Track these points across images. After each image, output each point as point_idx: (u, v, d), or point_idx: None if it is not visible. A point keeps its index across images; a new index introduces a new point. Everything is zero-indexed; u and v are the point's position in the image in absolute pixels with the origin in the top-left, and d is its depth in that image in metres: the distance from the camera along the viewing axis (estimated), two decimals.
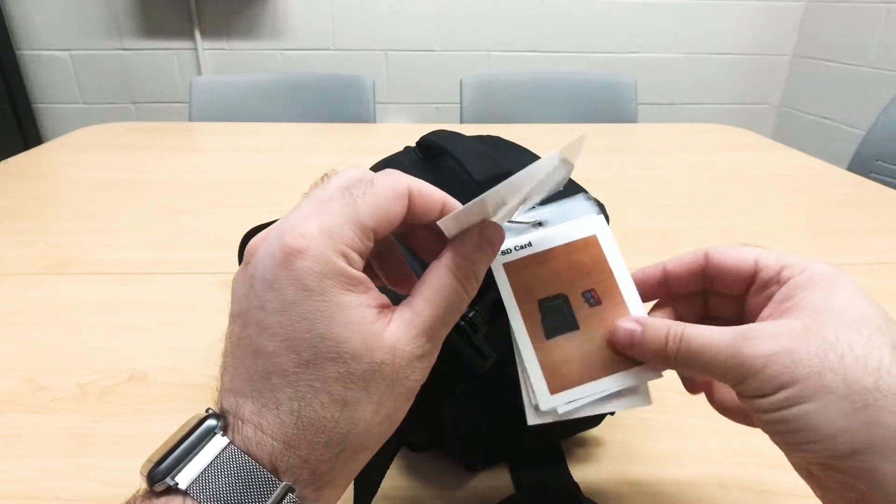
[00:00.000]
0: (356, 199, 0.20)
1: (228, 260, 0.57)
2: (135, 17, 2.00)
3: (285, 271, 0.19)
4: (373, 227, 0.20)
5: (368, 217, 0.20)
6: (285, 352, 0.19)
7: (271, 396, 0.19)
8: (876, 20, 1.85)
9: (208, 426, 0.19)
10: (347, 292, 0.19)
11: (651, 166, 1.02)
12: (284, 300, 0.19)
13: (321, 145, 1.12)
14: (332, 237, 0.19)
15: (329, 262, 0.19)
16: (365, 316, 0.19)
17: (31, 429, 0.39)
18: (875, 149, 1.15)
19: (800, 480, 0.35)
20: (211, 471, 0.18)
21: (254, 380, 0.19)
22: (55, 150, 1.06)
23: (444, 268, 0.22)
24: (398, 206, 0.21)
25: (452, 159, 0.37)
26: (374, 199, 0.20)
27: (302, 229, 0.19)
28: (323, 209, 0.20)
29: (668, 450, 0.38)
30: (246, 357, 0.19)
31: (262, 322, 0.19)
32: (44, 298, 0.55)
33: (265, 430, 0.19)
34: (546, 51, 2.16)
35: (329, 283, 0.19)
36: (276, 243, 0.19)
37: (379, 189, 0.20)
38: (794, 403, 0.20)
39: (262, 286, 0.19)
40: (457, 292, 0.22)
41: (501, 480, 0.35)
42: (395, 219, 0.21)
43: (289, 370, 0.19)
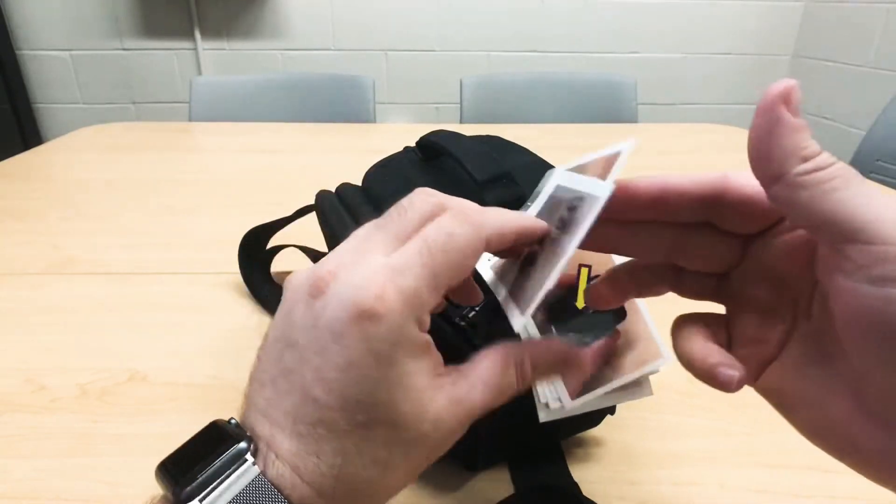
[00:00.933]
0: (434, 257, 0.19)
1: (228, 260, 0.57)
2: (135, 17, 2.00)
3: (357, 330, 0.18)
4: (447, 284, 0.20)
5: (445, 277, 0.19)
6: (339, 408, 0.18)
7: (314, 444, 0.19)
8: (876, 20, 1.85)
9: (240, 450, 0.19)
10: (413, 360, 0.19)
11: (651, 166, 1.02)
12: (350, 359, 0.18)
13: (321, 145, 1.12)
14: (411, 304, 0.18)
15: (403, 331, 0.18)
16: (422, 384, 0.19)
17: (31, 429, 0.39)
18: (875, 149, 1.15)
19: (800, 480, 0.35)
20: (239, 500, 0.18)
21: (297, 421, 0.19)
22: (55, 150, 1.06)
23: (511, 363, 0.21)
24: (474, 260, 0.20)
25: (453, 159, 0.37)
26: (452, 258, 0.19)
27: (379, 290, 0.18)
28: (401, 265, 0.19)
29: (668, 450, 0.38)
30: (293, 394, 0.19)
31: (320, 371, 0.18)
32: (44, 298, 0.55)
33: (302, 475, 0.18)
34: (546, 51, 2.16)
35: (399, 353, 0.18)
36: (350, 296, 0.18)
37: (458, 244, 0.19)
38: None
39: (327, 333, 0.18)
40: (511, 389, 0.22)
41: (501, 480, 0.35)
42: (468, 272, 0.20)
43: (339, 427, 0.18)
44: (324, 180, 0.52)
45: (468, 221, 0.20)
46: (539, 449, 0.36)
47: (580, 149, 1.25)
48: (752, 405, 0.42)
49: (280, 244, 0.57)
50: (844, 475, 0.21)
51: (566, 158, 0.28)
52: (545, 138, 1.16)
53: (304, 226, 0.54)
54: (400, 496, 0.34)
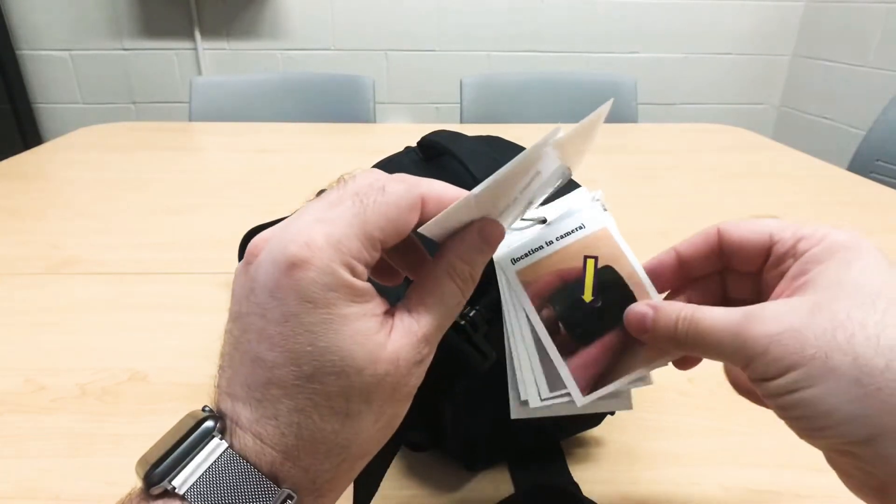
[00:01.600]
0: (366, 208, 0.19)
1: (228, 260, 0.57)
2: (135, 17, 2.00)
3: (288, 281, 0.18)
4: (381, 237, 0.19)
5: (377, 228, 0.19)
6: (285, 363, 0.18)
7: (270, 407, 0.18)
8: (876, 20, 1.85)
9: (206, 428, 0.19)
10: (351, 304, 0.19)
11: (651, 166, 1.02)
12: (286, 311, 0.18)
13: (321, 145, 1.12)
14: (339, 248, 0.18)
15: (334, 274, 0.18)
16: (369, 327, 0.19)
17: (31, 429, 0.39)
18: (875, 149, 1.15)
19: (800, 480, 0.35)
20: (209, 475, 0.18)
21: (252, 388, 0.19)
22: (55, 150, 1.06)
23: (441, 272, 0.21)
24: (410, 216, 0.20)
25: (454, 159, 0.37)
26: (384, 208, 0.19)
27: (307, 238, 0.18)
28: (330, 216, 0.19)
29: (668, 450, 0.38)
30: (244, 363, 0.19)
31: (263, 330, 0.18)
32: (44, 298, 0.55)
33: (265, 440, 0.18)
34: (546, 51, 2.16)
35: (333, 295, 0.18)
36: (280, 250, 0.18)
37: (390, 198, 0.20)
38: (801, 387, 0.19)
39: (263, 293, 0.18)
40: (454, 296, 0.21)
41: (501, 480, 0.35)
42: (405, 229, 0.20)
43: (288, 382, 0.18)
44: (324, 180, 0.51)
45: (402, 180, 0.20)
46: (539, 449, 0.36)
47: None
48: (751, 405, 0.42)
49: None
50: None
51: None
52: None
53: None
54: (400, 495, 0.34)
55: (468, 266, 0.22)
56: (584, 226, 0.28)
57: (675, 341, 0.23)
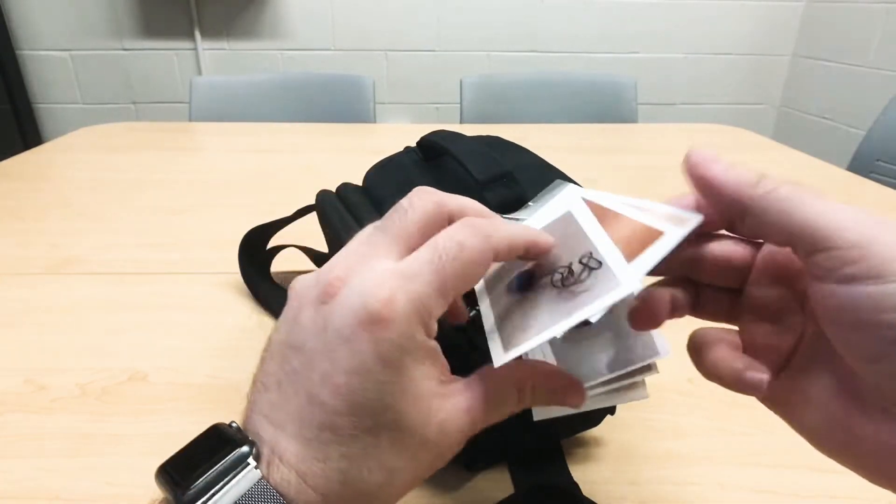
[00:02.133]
0: (444, 267, 0.19)
1: (228, 260, 0.57)
2: (135, 17, 2.00)
3: (366, 336, 0.18)
4: (455, 293, 0.20)
5: (453, 287, 0.19)
6: (347, 413, 0.18)
7: (320, 449, 0.18)
8: (876, 20, 1.85)
9: (242, 454, 0.18)
10: (420, 366, 0.19)
11: (651, 166, 1.02)
12: (359, 364, 0.18)
13: (321, 145, 1.12)
14: (419, 311, 0.19)
15: (412, 337, 0.19)
16: (429, 390, 0.19)
17: (31, 429, 0.39)
18: (875, 149, 1.15)
19: (800, 480, 0.35)
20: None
21: (304, 426, 0.19)
22: (55, 150, 1.06)
23: (514, 385, 0.22)
24: (482, 271, 0.20)
25: (454, 159, 0.37)
26: (461, 267, 0.19)
27: (389, 294, 0.18)
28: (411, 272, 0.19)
29: (668, 450, 0.38)
30: (298, 397, 0.19)
31: (328, 375, 0.18)
32: (44, 298, 0.55)
33: (308, 480, 0.18)
34: (546, 51, 2.16)
35: (408, 358, 0.19)
36: (361, 302, 0.18)
37: (468, 256, 0.20)
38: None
39: (336, 338, 0.19)
40: (509, 411, 0.22)
41: (501, 480, 0.35)
42: (477, 281, 0.21)
43: (346, 431, 0.18)
44: (324, 180, 0.52)
45: (479, 232, 0.20)
46: (539, 449, 0.36)
47: (580, 149, 1.24)
48: (752, 405, 0.42)
49: (280, 244, 0.57)
50: (844, 475, 0.21)
51: (566, 158, 0.28)
52: (545, 138, 1.16)
53: (304, 226, 0.54)
54: None
55: (534, 399, 0.22)
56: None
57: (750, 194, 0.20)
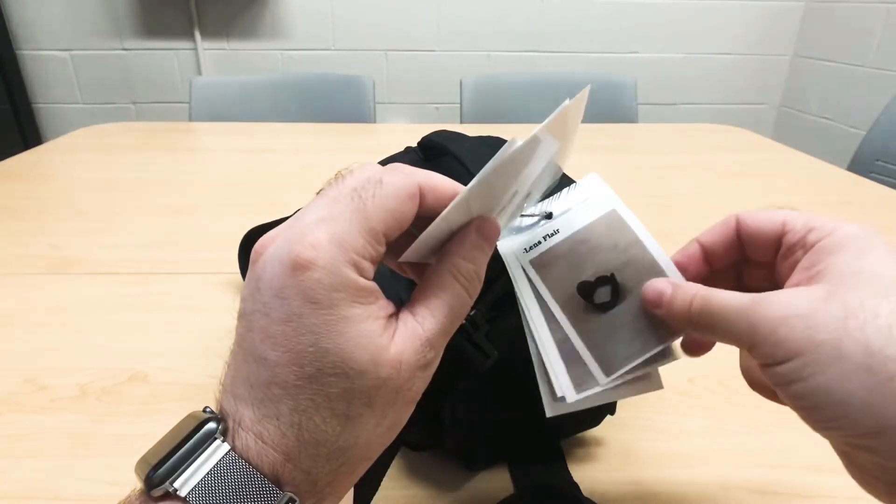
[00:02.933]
0: (365, 203, 0.19)
1: (228, 260, 0.57)
2: (135, 17, 2.00)
3: (293, 281, 0.18)
4: (383, 230, 0.19)
5: (378, 221, 0.19)
6: (288, 363, 0.18)
7: (272, 407, 0.18)
8: (876, 20, 1.85)
9: (209, 430, 0.19)
10: (356, 305, 0.19)
11: (651, 166, 1.02)
12: (290, 311, 0.18)
13: (321, 145, 1.12)
14: (343, 247, 0.18)
15: (339, 274, 0.18)
16: (372, 329, 0.19)
17: (31, 429, 0.39)
18: (875, 149, 1.15)
19: (800, 480, 0.35)
20: (211, 478, 0.18)
21: (254, 387, 0.19)
22: (55, 150, 1.06)
23: (444, 272, 0.21)
24: (409, 207, 0.20)
25: (454, 159, 0.37)
26: (383, 201, 0.19)
27: (312, 238, 0.18)
28: (332, 214, 0.19)
29: (668, 450, 0.38)
30: (247, 362, 0.19)
31: (266, 329, 0.18)
32: (44, 298, 0.55)
33: (266, 440, 0.18)
34: (546, 51, 2.15)
35: (338, 296, 0.18)
36: (285, 250, 0.18)
37: (388, 190, 0.20)
38: (809, 374, 0.18)
39: (268, 292, 0.19)
40: (460, 297, 0.21)
41: (501, 480, 0.35)
42: (405, 220, 0.20)
43: (290, 382, 0.18)
44: (324, 180, 0.51)
45: (399, 171, 0.20)
46: (539, 449, 0.36)
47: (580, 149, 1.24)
48: (751, 405, 0.42)
49: None
50: (844, 475, 0.21)
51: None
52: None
53: None
54: (400, 495, 0.34)
55: (471, 265, 0.21)
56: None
57: (689, 320, 0.23)
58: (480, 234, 0.22)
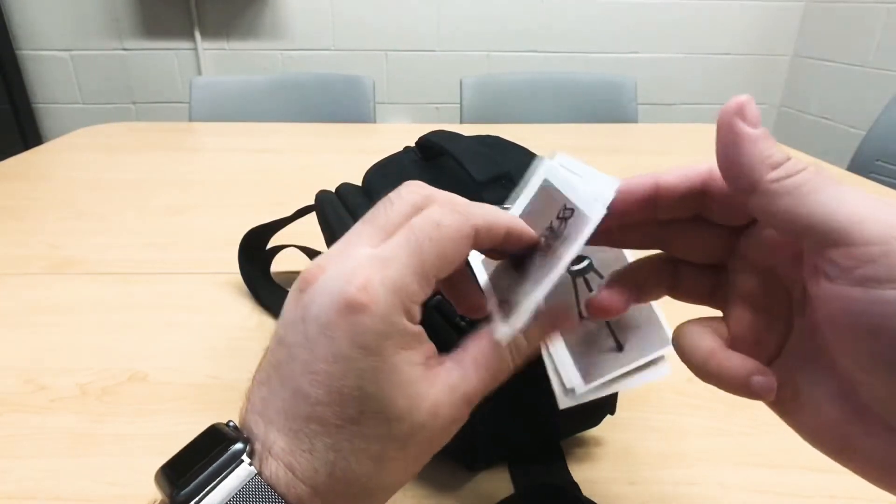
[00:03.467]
0: (421, 246, 0.19)
1: (228, 260, 0.57)
2: (135, 17, 2.00)
3: (344, 323, 0.18)
4: (436, 275, 0.19)
5: (433, 267, 0.19)
6: (329, 403, 0.18)
7: (307, 441, 0.18)
8: (876, 20, 1.85)
9: (236, 451, 0.18)
10: (402, 351, 0.18)
11: (651, 166, 1.02)
12: (338, 352, 0.18)
13: (321, 145, 1.12)
14: (397, 293, 0.18)
15: (392, 322, 0.18)
16: (414, 375, 0.19)
17: (31, 429, 0.39)
18: (875, 149, 1.15)
19: (800, 480, 0.35)
20: (235, 501, 0.18)
21: (290, 418, 0.19)
22: (55, 150, 1.06)
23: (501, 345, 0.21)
24: (463, 250, 0.20)
25: (452, 159, 0.37)
26: (440, 247, 0.19)
27: (365, 279, 0.18)
28: (387, 255, 0.19)
29: (668, 450, 0.38)
30: (284, 391, 0.19)
31: (309, 365, 0.18)
32: (44, 298, 0.55)
33: (297, 473, 0.18)
34: (546, 51, 2.16)
35: (387, 343, 0.18)
36: (337, 288, 0.18)
37: (446, 234, 0.19)
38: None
39: (315, 327, 0.18)
40: (504, 365, 0.21)
41: (501, 480, 0.35)
42: (459, 262, 0.20)
43: (330, 421, 0.18)
44: (324, 180, 0.52)
45: (456, 211, 0.20)
46: (539, 449, 0.36)
47: (580, 149, 1.24)
48: (751, 405, 0.42)
49: (280, 244, 0.57)
50: (844, 475, 0.21)
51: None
52: (545, 138, 1.16)
53: (304, 226, 0.54)
54: (399, 495, 0.34)
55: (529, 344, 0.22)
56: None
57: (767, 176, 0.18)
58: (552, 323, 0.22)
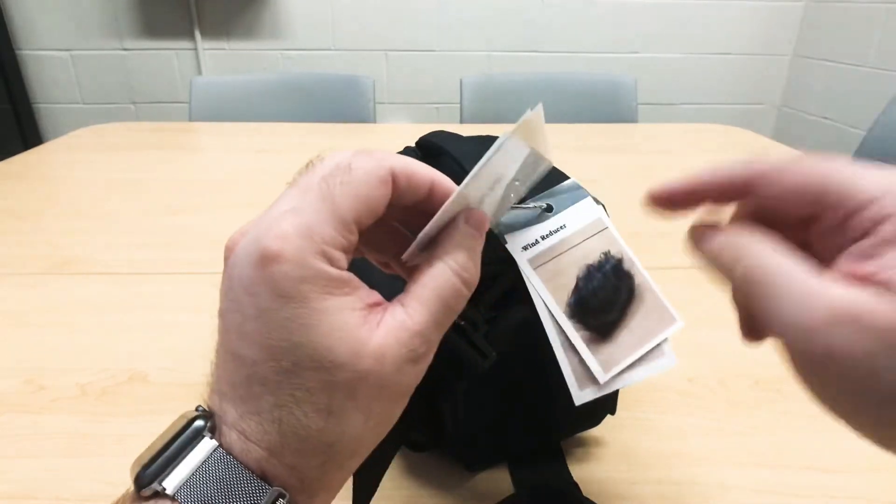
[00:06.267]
0: (333, 191, 0.18)
1: None
2: (135, 17, 2.00)
3: (261, 275, 0.17)
4: (354, 219, 0.19)
5: (348, 209, 0.18)
6: (264, 360, 0.18)
7: (253, 404, 0.18)
8: (876, 20, 1.85)
9: (197, 427, 0.18)
10: (329, 296, 0.18)
11: (651, 166, 1.02)
12: (260, 306, 0.18)
13: (321, 145, 1.12)
14: (311, 237, 0.18)
15: (307, 265, 0.18)
16: (349, 321, 0.18)
17: (31, 429, 0.39)
18: (875, 149, 1.15)
19: (800, 480, 0.35)
20: (198, 475, 0.18)
21: (235, 385, 0.19)
22: (55, 150, 1.06)
23: (436, 263, 0.20)
24: (380, 193, 0.19)
25: (452, 160, 0.37)
26: (352, 188, 0.19)
27: (278, 230, 0.18)
28: (300, 205, 0.18)
29: (668, 450, 0.38)
30: (227, 360, 0.19)
31: (241, 327, 0.18)
32: (44, 298, 0.55)
33: (249, 436, 0.18)
34: (546, 51, 2.15)
35: (308, 287, 0.18)
36: (253, 244, 0.18)
37: (358, 176, 0.19)
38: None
39: (239, 289, 0.18)
40: (453, 288, 0.20)
41: (501, 480, 0.35)
42: (378, 206, 0.19)
43: (269, 378, 0.18)
44: None
45: (370, 156, 0.20)
46: (539, 449, 0.36)
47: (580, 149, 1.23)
48: (751, 405, 0.42)
49: None
50: (844, 475, 0.21)
51: (566, 158, 0.29)
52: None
53: None
54: (400, 495, 0.34)
55: (464, 253, 0.21)
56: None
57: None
58: (470, 224, 0.21)
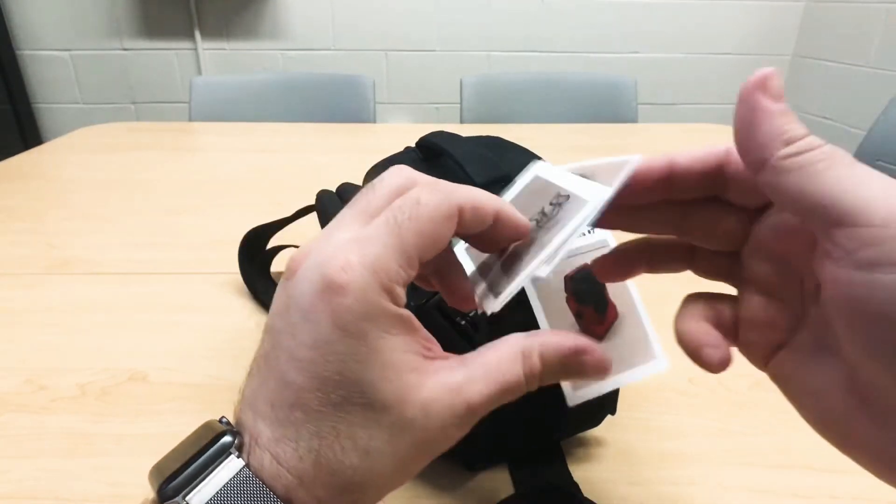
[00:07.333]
0: (401, 226, 0.18)
1: (228, 260, 0.57)
2: (135, 17, 2.00)
3: (323, 305, 0.17)
4: (418, 255, 0.19)
5: (413, 245, 0.18)
6: (312, 389, 0.18)
7: (292, 430, 0.18)
8: (876, 20, 1.85)
9: (224, 444, 0.18)
10: (386, 335, 0.18)
11: None
12: (318, 336, 0.18)
13: (321, 145, 1.12)
14: (376, 272, 0.18)
15: (371, 302, 0.17)
16: (403, 363, 0.18)
17: (31, 429, 0.39)
18: (875, 149, 1.15)
19: (800, 480, 0.35)
20: (224, 494, 0.18)
21: (276, 407, 0.18)
22: (55, 150, 1.06)
23: (518, 354, 0.20)
24: (446, 229, 0.19)
25: (452, 161, 0.37)
26: (419, 224, 0.18)
27: (344, 260, 0.18)
28: (366, 235, 0.18)
29: (668, 450, 0.38)
30: (270, 380, 0.19)
31: (292, 352, 0.18)
32: (44, 298, 0.55)
33: (282, 462, 0.18)
34: (546, 51, 2.16)
35: (368, 325, 0.18)
36: (317, 271, 0.18)
37: (425, 212, 0.19)
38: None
39: (297, 312, 0.18)
40: (517, 386, 0.20)
41: (501, 480, 0.35)
42: (442, 242, 0.19)
43: (313, 407, 0.18)
44: (324, 180, 0.52)
45: (438, 190, 0.20)
46: (539, 449, 0.36)
47: (580, 149, 1.24)
48: (751, 405, 0.42)
49: (280, 244, 0.57)
50: (844, 475, 0.21)
51: (566, 158, 0.29)
52: (545, 138, 1.16)
53: (304, 226, 0.54)
54: (399, 495, 0.34)
55: (544, 369, 0.20)
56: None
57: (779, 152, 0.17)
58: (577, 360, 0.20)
